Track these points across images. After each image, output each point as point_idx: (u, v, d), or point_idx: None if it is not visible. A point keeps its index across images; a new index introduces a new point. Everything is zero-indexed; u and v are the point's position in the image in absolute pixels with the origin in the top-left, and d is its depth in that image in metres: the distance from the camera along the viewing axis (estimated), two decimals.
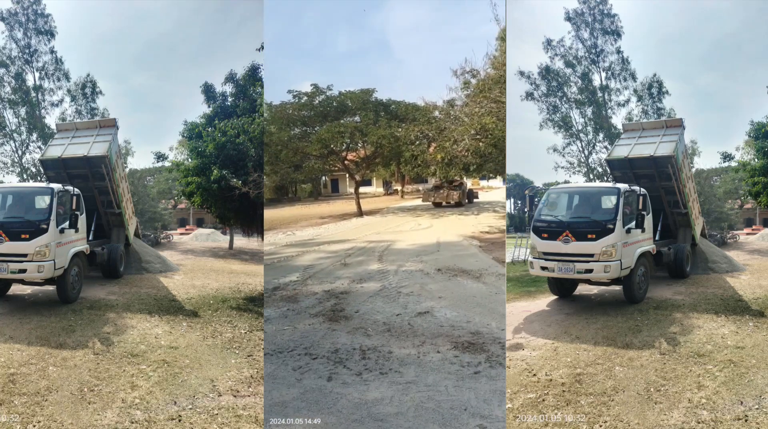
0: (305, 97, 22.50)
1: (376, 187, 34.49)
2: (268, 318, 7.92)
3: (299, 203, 30.23)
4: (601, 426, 5.12)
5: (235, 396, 5.88)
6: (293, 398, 5.31)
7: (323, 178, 33.02)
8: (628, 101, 19.48)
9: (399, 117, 22.12)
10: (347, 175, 27.10)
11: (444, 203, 24.07)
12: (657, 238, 10.53)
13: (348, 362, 6.12)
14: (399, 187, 31.78)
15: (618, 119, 19.39)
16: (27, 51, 17.32)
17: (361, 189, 25.95)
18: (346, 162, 23.92)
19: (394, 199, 29.82)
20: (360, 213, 22.80)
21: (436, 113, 19.19)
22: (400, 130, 20.61)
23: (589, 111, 19.57)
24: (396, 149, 20.81)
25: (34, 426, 5.13)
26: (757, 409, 5.31)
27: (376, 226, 19.11)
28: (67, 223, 9.19)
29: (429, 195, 24.44)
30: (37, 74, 17.51)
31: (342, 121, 22.21)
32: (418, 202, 26.21)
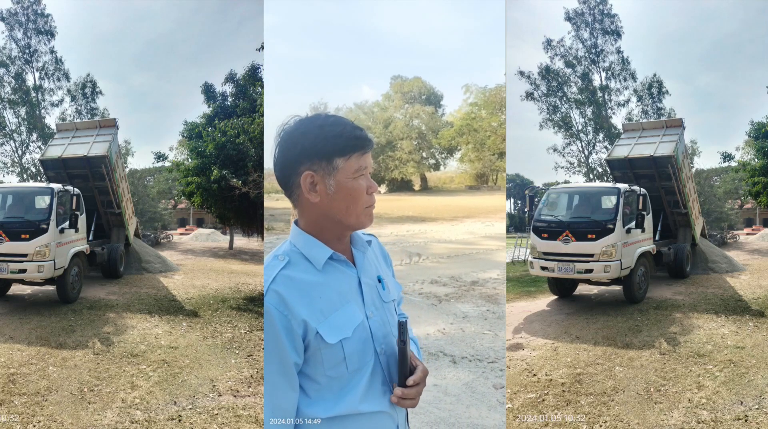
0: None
1: None
2: (466, 315, 7.40)
3: (499, 192, 28.81)
4: (601, 426, 5.12)
5: (235, 396, 5.88)
6: None
7: None
8: (628, 101, 19.39)
9: None
10: None
11: None
12: (657, 238, 10.53)
13: None
14: None
15: (618, 119, 19.30)
16: (27, 51, 17.32)
17: None
18: None
19: None
20: None
21: None
22: None
23: (589, 111, 19.51)
24: None
25: (34, 426, 5.13)
26: (757, 409, 5.31)
27: None
28: (67, 223, 9.20)
29: None
30: (37, 74, 17.49)
31: None
32: None
